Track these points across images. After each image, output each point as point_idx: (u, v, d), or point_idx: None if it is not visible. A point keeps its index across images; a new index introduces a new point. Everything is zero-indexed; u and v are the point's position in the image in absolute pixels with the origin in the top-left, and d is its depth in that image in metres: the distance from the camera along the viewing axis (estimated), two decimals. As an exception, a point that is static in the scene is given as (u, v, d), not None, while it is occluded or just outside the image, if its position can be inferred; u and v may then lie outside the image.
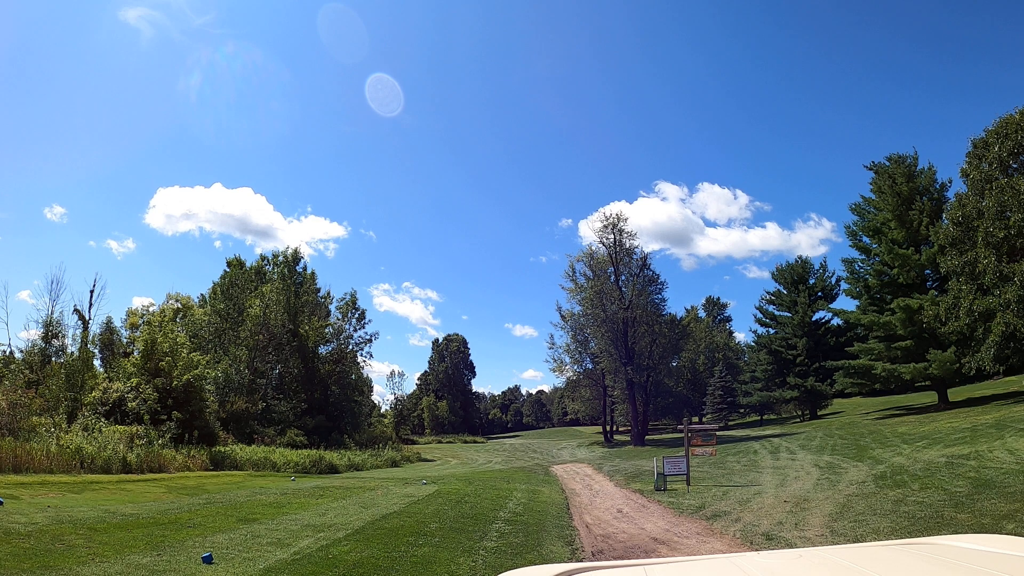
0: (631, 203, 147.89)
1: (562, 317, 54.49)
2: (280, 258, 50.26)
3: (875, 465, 16.91)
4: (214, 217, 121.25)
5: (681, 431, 18.49)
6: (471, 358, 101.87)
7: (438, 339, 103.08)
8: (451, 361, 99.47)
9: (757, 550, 4.72)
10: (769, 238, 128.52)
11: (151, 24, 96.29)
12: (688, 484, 16.61)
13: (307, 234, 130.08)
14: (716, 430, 19.26)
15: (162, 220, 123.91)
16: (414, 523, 11.00)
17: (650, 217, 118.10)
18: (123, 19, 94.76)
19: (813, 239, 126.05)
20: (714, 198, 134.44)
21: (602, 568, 1.62)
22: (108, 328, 39.47)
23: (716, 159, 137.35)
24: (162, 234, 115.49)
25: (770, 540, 9.30)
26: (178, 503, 12.95)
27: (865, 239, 37.49)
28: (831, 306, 47.43)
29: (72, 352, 28.72)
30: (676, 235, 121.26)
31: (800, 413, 50.84)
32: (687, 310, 75.73)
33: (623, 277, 51.22)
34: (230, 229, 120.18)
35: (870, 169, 36.53)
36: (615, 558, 8.46)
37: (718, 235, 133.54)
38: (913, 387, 39.89)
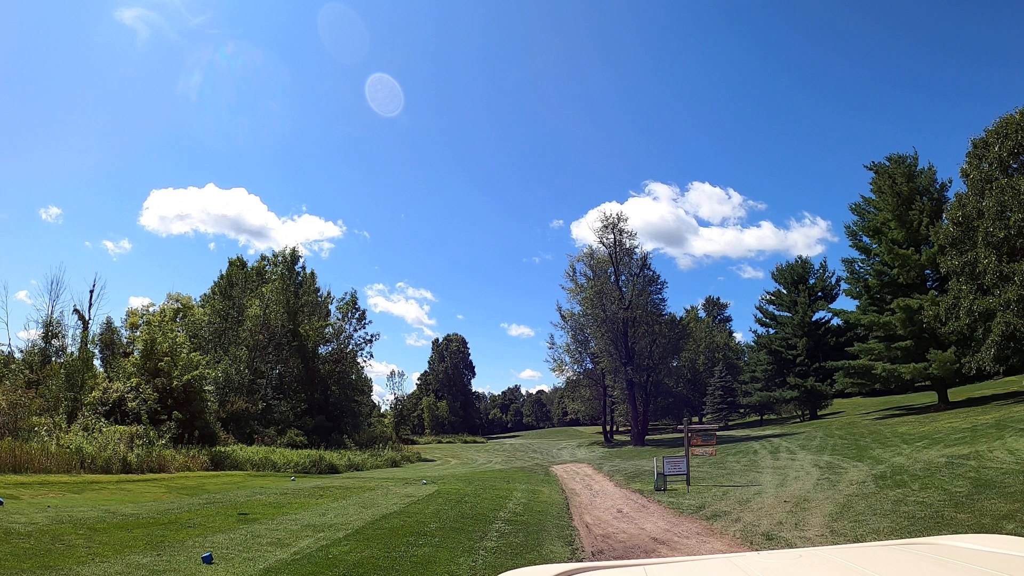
0: (621, 203, 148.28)
1: (562, 317, 54.53)
2: (279, 258, 50.30)
3: (875, 465, 16.90)
4: (208, 218, 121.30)
5: (681, 431, 18.49)
6: (471, 358, 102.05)
7: (438, 339, 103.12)
8: (451, 361, 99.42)
9: (757, 550, 4.72)
10: (764, 238, 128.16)
11: (147, 24, 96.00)
12: (688, 484, 16.61)
13: (301, 234, 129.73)
14: (716, 430, 19.26)
15: (156, 221, 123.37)
16: (414, 523, 10.99)
17: (642, 217, 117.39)
18: (119, 19, 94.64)
19: (809, 238, 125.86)
20: (706, 197, 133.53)
21: (602, 568, 1.62)
22: (108, 328, 39.53)
23: (709, 158, 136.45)
24: (157, 235, 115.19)
25: (770, 540, 9.29)
26: (178, 503, 12.95)
27: (865, 239, 37.49)
28: (831, 306, 47.46)
29: (72, 352, 28.79)
30: (669, 235, 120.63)
31: (800, 413, 50.84)
32: (687, 310, 75.71)
33: (623, 277, 51.22)
34: (224, 229, 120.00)
35: (870, 169, 36.54)
36: (615, 558, 8.46)
37: (712, 235, 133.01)
38: (913, 387, 39.89)
